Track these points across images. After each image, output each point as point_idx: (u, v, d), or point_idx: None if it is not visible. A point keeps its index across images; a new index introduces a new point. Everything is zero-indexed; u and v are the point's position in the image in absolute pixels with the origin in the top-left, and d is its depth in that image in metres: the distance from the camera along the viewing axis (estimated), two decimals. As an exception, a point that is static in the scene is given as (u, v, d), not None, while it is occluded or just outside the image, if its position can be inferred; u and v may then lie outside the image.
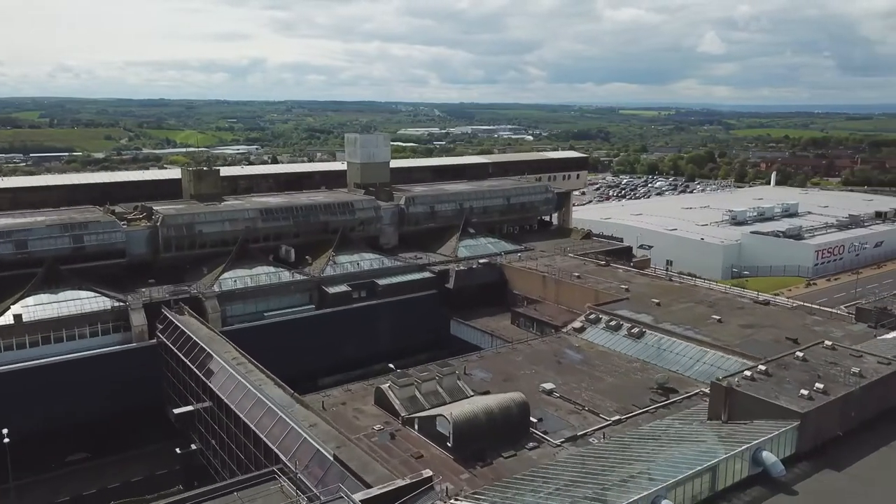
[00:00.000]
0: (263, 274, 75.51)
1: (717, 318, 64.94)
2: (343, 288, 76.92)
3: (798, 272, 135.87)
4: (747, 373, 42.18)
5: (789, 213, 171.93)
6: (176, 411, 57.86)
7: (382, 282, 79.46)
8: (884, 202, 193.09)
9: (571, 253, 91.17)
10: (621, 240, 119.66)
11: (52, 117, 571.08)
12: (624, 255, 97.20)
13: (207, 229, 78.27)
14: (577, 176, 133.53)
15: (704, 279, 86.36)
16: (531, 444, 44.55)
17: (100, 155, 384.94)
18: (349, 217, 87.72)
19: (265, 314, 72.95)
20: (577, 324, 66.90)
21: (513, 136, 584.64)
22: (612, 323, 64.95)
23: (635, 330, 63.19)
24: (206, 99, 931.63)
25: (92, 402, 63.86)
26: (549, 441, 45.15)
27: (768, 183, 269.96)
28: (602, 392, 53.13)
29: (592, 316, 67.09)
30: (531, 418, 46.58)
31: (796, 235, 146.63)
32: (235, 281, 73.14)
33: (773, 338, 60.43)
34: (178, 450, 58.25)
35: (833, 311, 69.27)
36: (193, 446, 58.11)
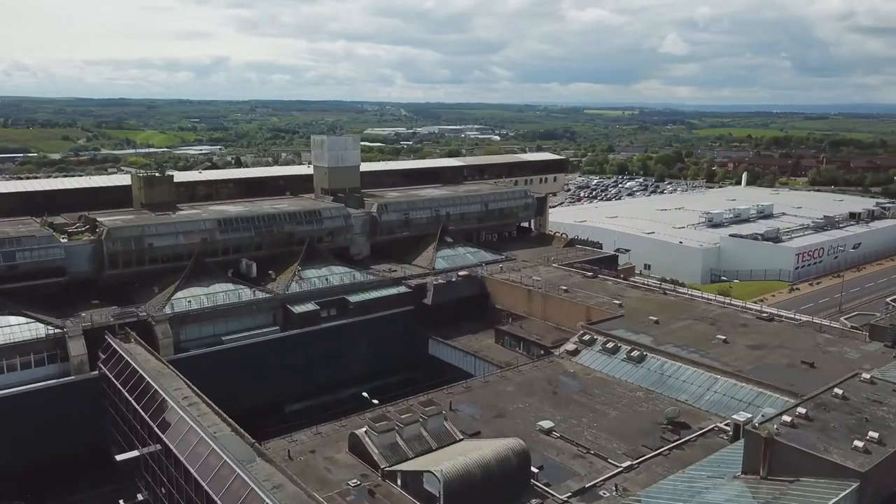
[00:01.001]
0: (222, 292, 67.58)
1: (723, 338, 58.97)
2: (310, 306, 69.36)
3: (779, 276, 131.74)
4: (786, 418, 35.89)
5: (764, 214, 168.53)
6: (119, 457, 49.87)
7: (354, 298, 72.07)
8: (855, 202, 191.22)
9: (555, 263, 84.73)
10: (601, 245, 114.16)
11: (6, 117, 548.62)
12: (609, 263, 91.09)
13: (159, 243, 70.03)
14: (555, 179, 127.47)
15: (694, 294, 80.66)
16: (533, 502, 37.83)
17: (56, 156, 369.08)
18: (316, 227, 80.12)
19: (224, 338, 65.09)
20: (570, 346, 60.38)
21: (480, 136, 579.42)
22: (609, 345, 58.57)
23: (635, 353, 56.89)
24: (169, 98, 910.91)
25: (26, 443, 55.54)
26: (553, 496, 38.48)
27: (737, 183, 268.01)
28: (607, 430, 46.64)
29: (587, 337, 60.62)
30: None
31: (774, 238, 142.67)
32: (190, 301, 65.14)
33: (786, 361, 54.62)
34: (121, 501, 50.41)
35: (843, 327, 63.82)
36: (140, 496, 50.31)
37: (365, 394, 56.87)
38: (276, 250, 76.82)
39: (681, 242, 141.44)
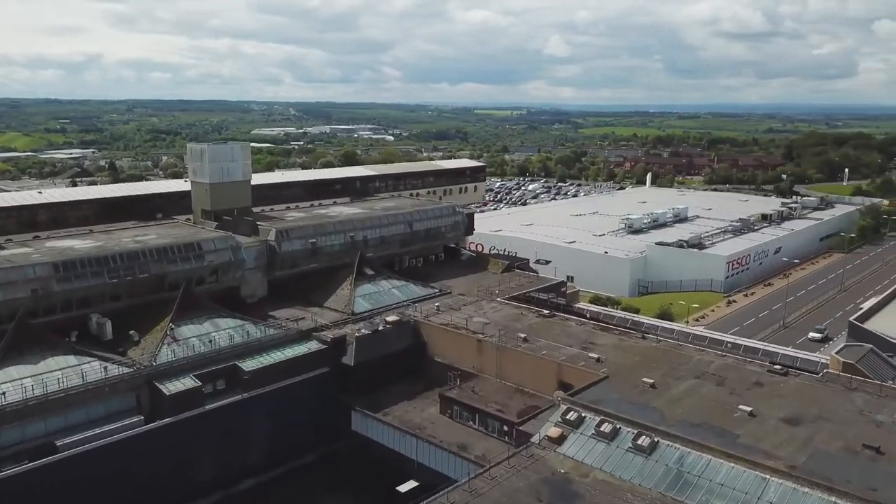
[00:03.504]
0: (58, 371, 46.58)
1: (747, 409, 44.19)
2: (188, 382, 49.40)
3: (710, 286, 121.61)
4: None
5: (680, 217, 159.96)
6: None
7: (249, 364, 52.64)
8: (760, 203, 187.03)
9: (500, 296, 68.25)
10: (528, 260, 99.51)
11: None
12: (556, 290, 75.76)
13: (-41, 302, 48.03)
14: (475, 188, 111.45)
15: (671, 329, 66.49)
16: None
17: None
18: (196, 264, 59.92)
19: (61, 441, 44.16)
20: (552, 430, 43.78)
21: (373, 136, 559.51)
22: (606, 427, 42.49)
23: (643, 440, 41.06)
24: (34, 97, 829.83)
25: None
26: None
27: (637, 182, 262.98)
28: None
29: (572, 415, 44.25)
30: None
31: (698, 245, 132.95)
32: (5, 394, 43.83)
33: (842, 444, 40.43)
34: None
35: (870, 379, 50.78)
36: None
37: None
38: (140, 300, 56.29)
39: (606, 252, 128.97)
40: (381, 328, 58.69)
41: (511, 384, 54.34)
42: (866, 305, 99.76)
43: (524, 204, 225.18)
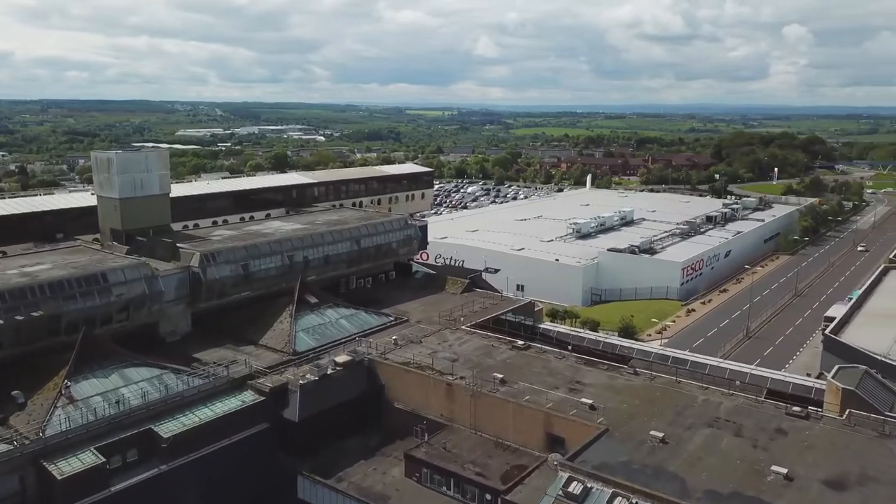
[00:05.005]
0: None
1: (782, 471, 36.46)
2: (88, 458, 38.29)
3: (666, 293, 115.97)
4: None
5: (626, 221, 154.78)
6: None
7: (168, 428, 41.82)
8: (702, 204, 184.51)
9: (466, 323, 59.17)
10: (481, 272, 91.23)
11: None
12: (526, 310, 67.41)
13: None
14: (423, 195, 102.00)
15: (660, 355, 58.93)
16: None
17: None
18: (100, 300, 48.50)
19: None
20: (552, 507, 35.01)
21: (304, 137, 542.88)
22: (620, 504, 34.03)
23: (670, 521, 32.76)
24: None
25: None
26: None
27: (574, 184, 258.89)
28: None
29: (575, 487, 35.53)
30: None
31: (650, 250, 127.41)
32: None
33: (903, 515, 33.17)
34: None
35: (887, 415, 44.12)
36: None
37: None
38: (26, 349, 44.58)
39: (557, 260, 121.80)
40: (329, 371, 48.65)
41: (489, 436, 45.32)
42: (832, 313, 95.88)
43: (464, 207, 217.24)
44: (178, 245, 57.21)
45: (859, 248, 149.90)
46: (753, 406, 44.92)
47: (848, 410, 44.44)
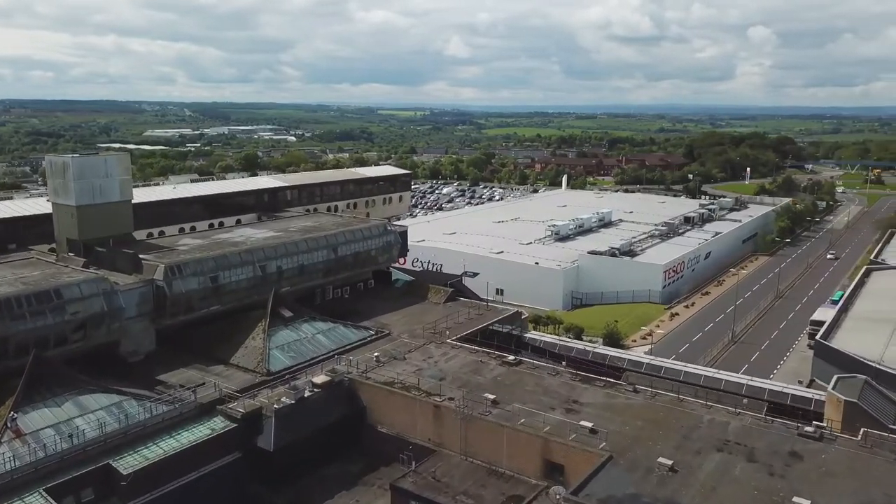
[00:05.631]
0: None
1: (805, 503, 33.49)
2: (36, 502, 33.91)
3: (648, 297, 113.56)
4: None
5: (605, 222, 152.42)
6: None
7: (128, 462, 37.55)
8: (678, 204, 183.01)
9: (451, 337, 55.57)
10: (461, 277, 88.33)
11: None
12: (513, 320, 64.08)
13: None
14: (400, 199, 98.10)
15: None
16: None
17: None
18: (52, 319, 43.96)
19: None
20: (559, 550, 31.57)
21: (275, 137, 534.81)
22: (632, 544, 30.69)
23: (688, 563, 29.52)
24: None
25: None
26: None
27: (550, 184, 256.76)
28: None
29: (583, 525, 32.22)
30: None
31: (630, 252, 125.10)
32: None
33: (940, 552, 30.33)
34: None
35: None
36: None
37: None
38: (-33, 377, 39.91)
39: (537, 263, 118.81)
40: (307, 394, 44.70)
41: (481, 463, 41.77)
42: (818, 317, 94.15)
43: (440, 208, 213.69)
44: (140, 256, 52.72)
45: (829, 256, 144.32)
46: (762, 426, 42.01)
47: (863, 430, 41.75)
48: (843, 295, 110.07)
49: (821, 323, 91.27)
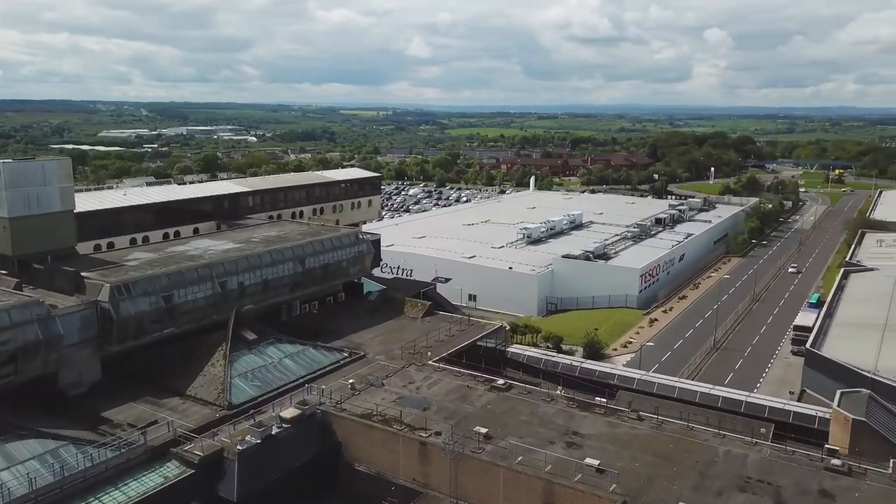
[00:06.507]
0: None
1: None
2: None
3: (625, 302, 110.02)
4: None
5: (576, 224, 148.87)
6: None
7: (65, 525, 31.73)
8: (647, 205, 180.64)
9: (433, 358, 50.53)
10: (434, 285, 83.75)
11: None
12: (498, 335, 59.35)
13: None
14: (370, 203, 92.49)
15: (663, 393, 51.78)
16: None
17: None
18: (-23, 352, 37.69)
19: None
20: None
21: (235, 138, 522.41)
22: None
23: None
24: None
25: None
26: None
27: (517, 185, 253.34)
28: None
29: (602, 592, 27.50)
30: None
31: (604, 256, 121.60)
32: None
33: None
34: None
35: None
36: None
37: None
38: None
39: (511, 268, 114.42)
40: (274, 431, 39.23)
41: (474, 506, 36.92)
42: (801, 322, 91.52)
43: (406, 210, 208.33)
44: (83, 274, 46.46)
45: (790, 270, 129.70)
46: (783, 458, 37.99)
47: (892, 461, 38.00)
48: (819, 297, 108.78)
49: (805, 328, 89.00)
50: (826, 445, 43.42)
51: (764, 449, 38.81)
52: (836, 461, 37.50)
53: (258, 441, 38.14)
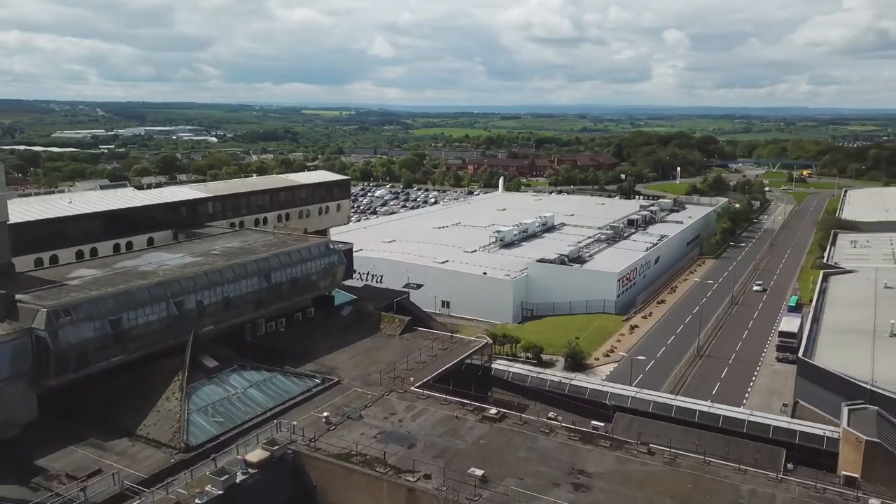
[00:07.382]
0: None
1: None
2: None
3: (603, 307, 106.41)
4: None
5: (548, 227, 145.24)
6: None
7: None
8: (619, 206, 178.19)
9: (416, 383, 45.49)
10: (408, 293, 79.01)
11: None
12: (484, 351, 54.64)
13: None
14: (339, 207, 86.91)
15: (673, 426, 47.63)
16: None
17: None
18: None
19: None
20: None
21: (194, 138, 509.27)
22: None
23: None
24: None
25: None
26: None
27: (484, 186, 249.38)
28: None
29: None
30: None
31: (578, 259, 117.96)
32: None
33: None
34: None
35: None
36: None
37: None
38: None
39: (485, 273, 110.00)
40: (239, 478, 33.82)
41: (471, 563, 32.07)
42: (786, 327, 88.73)
43: (374, 212, 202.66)
44: (15, 297, 40.30)
45: (755, 288, 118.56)
46: (814, 497, 33.92)
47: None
48: (798, 300, 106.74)
49: (790, 334, 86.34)
50: (843, 473, 39.96)
51: (792, 487, 34.72)
52: (874, 501, 33.55)
53: (220, 492, 32.73)
